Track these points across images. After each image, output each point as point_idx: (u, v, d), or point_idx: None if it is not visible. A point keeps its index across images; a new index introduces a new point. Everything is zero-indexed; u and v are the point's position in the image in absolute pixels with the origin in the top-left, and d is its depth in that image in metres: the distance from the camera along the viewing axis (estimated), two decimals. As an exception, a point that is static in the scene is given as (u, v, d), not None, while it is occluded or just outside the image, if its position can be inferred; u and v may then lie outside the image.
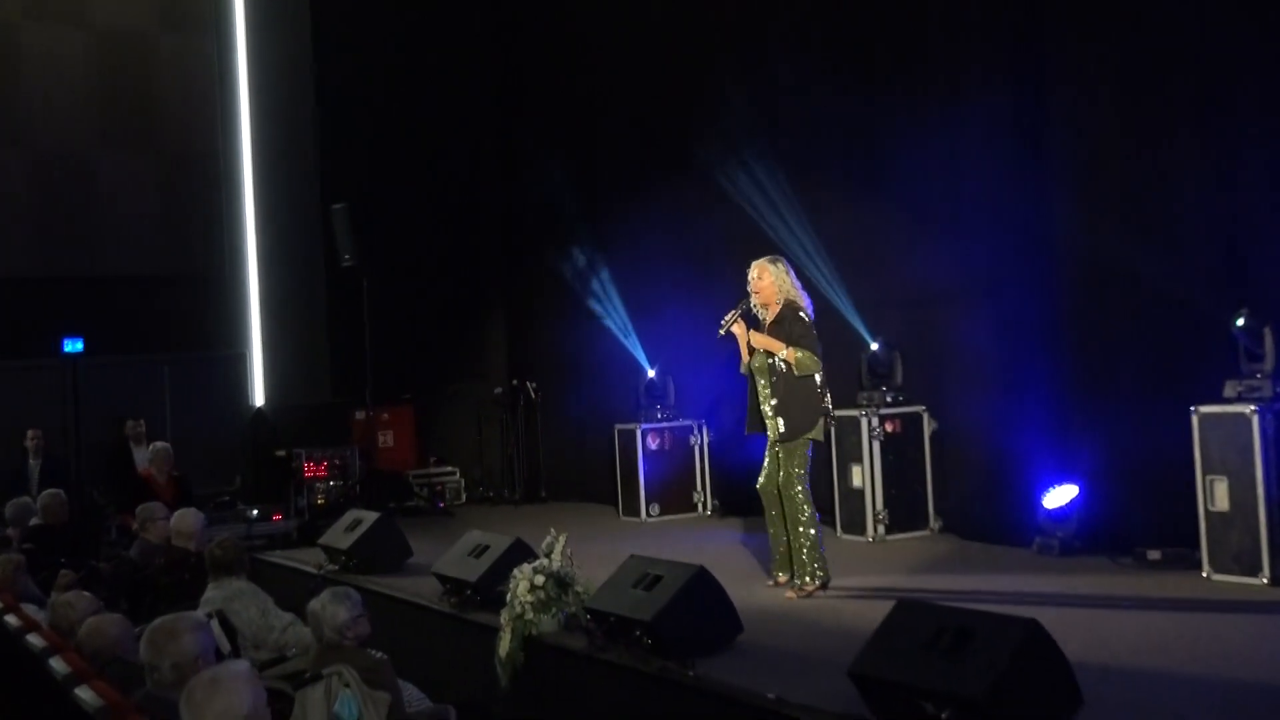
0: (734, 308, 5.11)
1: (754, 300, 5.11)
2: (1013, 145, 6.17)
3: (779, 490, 5.05)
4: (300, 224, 10.11)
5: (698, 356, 7.37)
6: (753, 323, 5.15)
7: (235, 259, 10.25)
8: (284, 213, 10.18)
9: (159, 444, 8.02)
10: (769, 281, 5.09)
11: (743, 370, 5.20)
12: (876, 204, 6.98)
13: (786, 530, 5.09)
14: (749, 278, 5.15)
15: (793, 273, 5.16)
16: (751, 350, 5.13)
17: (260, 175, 10.23)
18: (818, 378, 5.05)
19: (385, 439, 9.70)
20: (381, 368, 8.97)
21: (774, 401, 5.05)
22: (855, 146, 7.10)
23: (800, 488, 5.00)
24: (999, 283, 6.30)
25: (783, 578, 5.18)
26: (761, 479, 5.16)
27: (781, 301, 5.11)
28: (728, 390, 6.21)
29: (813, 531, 5.00)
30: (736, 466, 5.27)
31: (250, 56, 10.22)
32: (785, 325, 5.06)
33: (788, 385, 5.03)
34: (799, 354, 5.00)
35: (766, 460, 5.15)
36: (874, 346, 6.80)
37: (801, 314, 5.06)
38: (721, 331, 5.08)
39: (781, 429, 5.03)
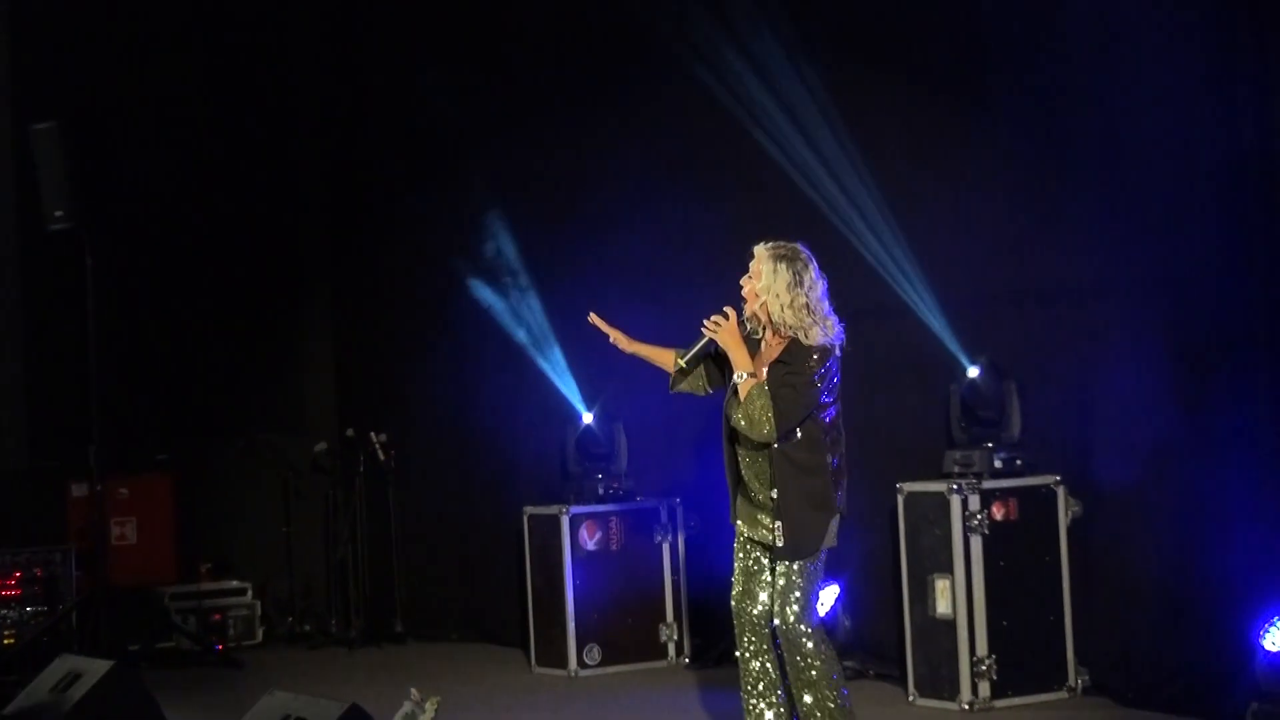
0: (714, 315, 5.20)
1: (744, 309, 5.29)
2: (1204, 39, 6.23)
3: (770, 629, 5.25)
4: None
5: (667, 394, 7.35)
6: (751, 347, 5.28)
7: None
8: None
9: None
10: (761, 284, 5.17)
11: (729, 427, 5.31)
12: (978, 142, 7.05)
13: (783, 689, 5.25)
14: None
15: (812, 271, 5.18)
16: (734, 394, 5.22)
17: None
18: (830, 456, 5.16)
19: (124, 531, 9.61)
20: (120, 408, 8.93)
21: (772, 493, 5.17)
22: (939, 48, 7.14)
23: (810, 626, 5.20)
24: (1181, 267, 6.34)
25: None
26: (738, 598, 5.34)
27: (785, 321, 5.12)
28: (718, 450, 6.24)
29: (842, 691, 5.19)
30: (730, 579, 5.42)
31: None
32: (785, 365, 5.13)
33: (795, 466, 5.13)
34: (755, 393, 5.04)
35: (746, 573, 5.33)
36: (973, 373, 6.86)
37: (814, 355, 5.11)
38: (682, 362, 5.35)
39: (779, 541, 5.14)
